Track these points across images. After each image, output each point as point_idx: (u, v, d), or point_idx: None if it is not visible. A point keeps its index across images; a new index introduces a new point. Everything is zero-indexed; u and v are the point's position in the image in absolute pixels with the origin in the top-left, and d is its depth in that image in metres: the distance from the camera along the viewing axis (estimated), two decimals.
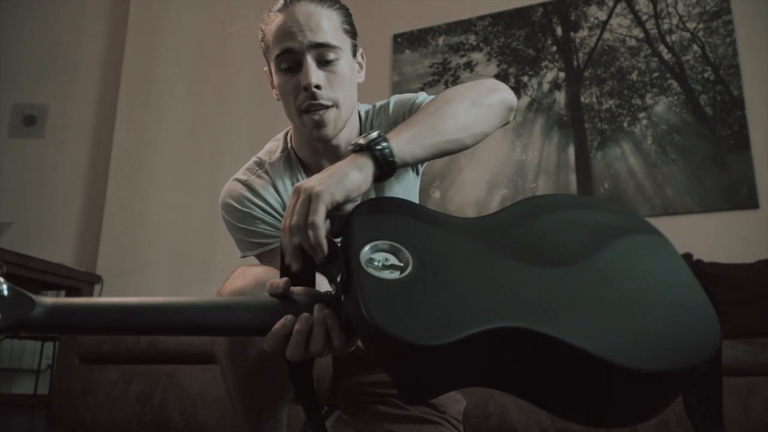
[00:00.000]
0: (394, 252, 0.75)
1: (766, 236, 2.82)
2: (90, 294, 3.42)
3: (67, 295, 3.35)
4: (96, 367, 2.40)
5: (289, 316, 0.73)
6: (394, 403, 1.11)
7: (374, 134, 0.84)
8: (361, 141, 0.83)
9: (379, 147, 0.82)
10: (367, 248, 0.74)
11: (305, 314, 0.73)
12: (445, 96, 0.96)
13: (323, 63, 1.02)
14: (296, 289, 0.78)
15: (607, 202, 0.91)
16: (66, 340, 3.20)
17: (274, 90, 1.11)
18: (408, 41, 3.91)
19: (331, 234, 0.79)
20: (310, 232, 0.75)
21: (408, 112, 1.10)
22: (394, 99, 1.16)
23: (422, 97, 1.12)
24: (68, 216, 4.40)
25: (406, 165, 0.86)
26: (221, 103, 4.28)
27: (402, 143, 0.85)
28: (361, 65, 1.13)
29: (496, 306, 0.69)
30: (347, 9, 1.10)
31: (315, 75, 1.00)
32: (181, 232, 4.08)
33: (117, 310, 0.71)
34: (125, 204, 4.19)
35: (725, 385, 2.13)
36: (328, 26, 1.02)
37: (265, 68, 1.13)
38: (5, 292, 0.67)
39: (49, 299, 0.70)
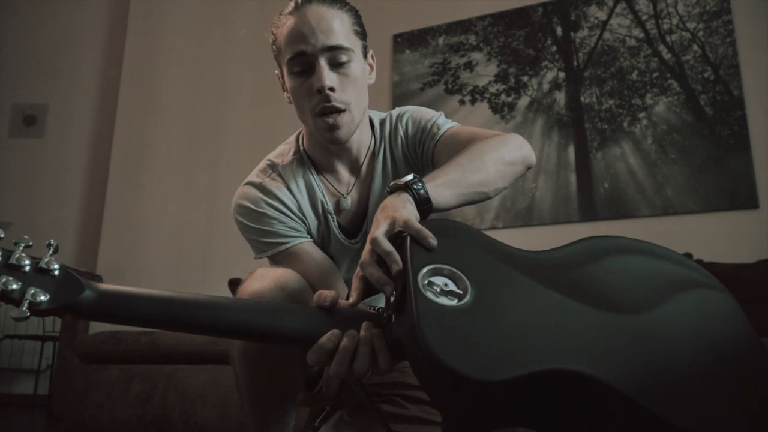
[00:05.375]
0: (453, 278, 0.72)
1: (766, 236, 2.82)
2: None
3: None
4: (96, 367, 2.40)
5: (336, 331, 0.72)
6: (397, 403, 1.11)
7: (410, 177, 0.87)
8: (400, 182, 0.87)
9: (416, 187, 0.85)
10: (425, 270, 0.71)
11: (352, 331, 0.73)
12: (478, 149, 0.99)
13: (336, 65, 1.02)
14: (343, 303, 0.77)
15: (673, 252, 0.88)
16: (66, 340, 3.20)
17: (286, 93, 1.11)
18: (408, 41, 3.91)
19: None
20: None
21: (427, 135, 1.12)
22: (411, 115, 1.16)
23: (441, 119, 1.13)
24: (68, 216, 4.40)
25: (439, 208, 0.89)
26: (221, 103, 4.28)
27: (436, 188, 0.88)
28: (371, 66, 1.13)
29: (554, 346, 0.68)
30: (357, 10, 1.10)
31: (328, 77, 1.00)
32: (181, 232, 4.08)
33: (166, 304, 0.70)
34: (125, 204, 4.19)
35: None
36: (339, 28, 1.02)
37: (276, 71, 1.13)
38: (56, 273, 0.66)
39: (100, 285, 0.69)
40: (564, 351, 0.67)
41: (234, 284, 2.93)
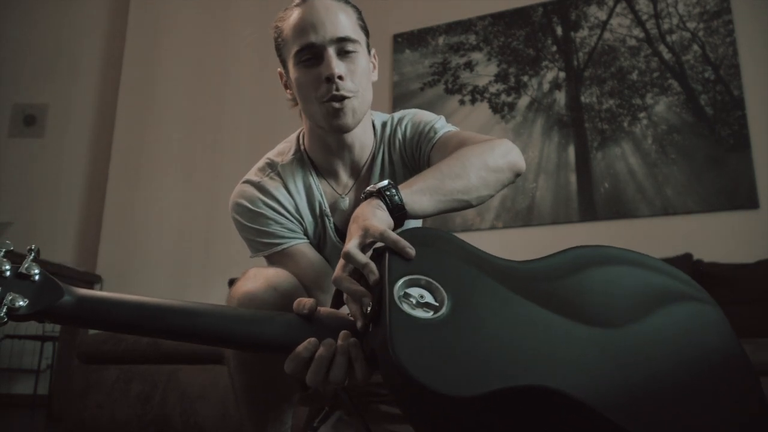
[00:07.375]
0: (430, 289, 0.71)
1: (766, 236, 2.82)
2: None
3: None
4: (96, 367, 2.40)
5: (312, 339, 0.72)
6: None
7: (384, 183, 0.87)
8: (373, 188, 0.86)
9: (389, 193, 0.85)
10: (402, 281, 0.71)
11: (329, 340, 0.72)
12: (460, 155, 0.97)
13: (343, 55, 1.03)
14: (323, 311, 0.77)
15: (661, 262, 0.85)
16: (66, 340, 3.20)
17: (288, 91, 1.11)
18: (408, 41, 3.91)
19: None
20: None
21: (424, 138, 1.11)
22: (411, 118, 1.16)
23: (439, 123, 1.12)
24: (68, 216, 4.40)
25: (415, 215, 0.88)
26: (221, 103, 4.28)
27: (411, 194, 0.87)
28: (374, 64, 1.13)
29: (529, 361, 0.66)
30: (359, 9, 1.11)
31: (337, 66, 1.01)
32: (181, 232, 4.08)
33: (145, 309, 0.70)
34: (125, 204, 4.19)
35: None
36: (346, 20, 1.04)
37: (279, 69, 1.12)
38: (36, 278, 0.67)
39: (79, 290, 0.69)
40: (538, 366, 0.66)
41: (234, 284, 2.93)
